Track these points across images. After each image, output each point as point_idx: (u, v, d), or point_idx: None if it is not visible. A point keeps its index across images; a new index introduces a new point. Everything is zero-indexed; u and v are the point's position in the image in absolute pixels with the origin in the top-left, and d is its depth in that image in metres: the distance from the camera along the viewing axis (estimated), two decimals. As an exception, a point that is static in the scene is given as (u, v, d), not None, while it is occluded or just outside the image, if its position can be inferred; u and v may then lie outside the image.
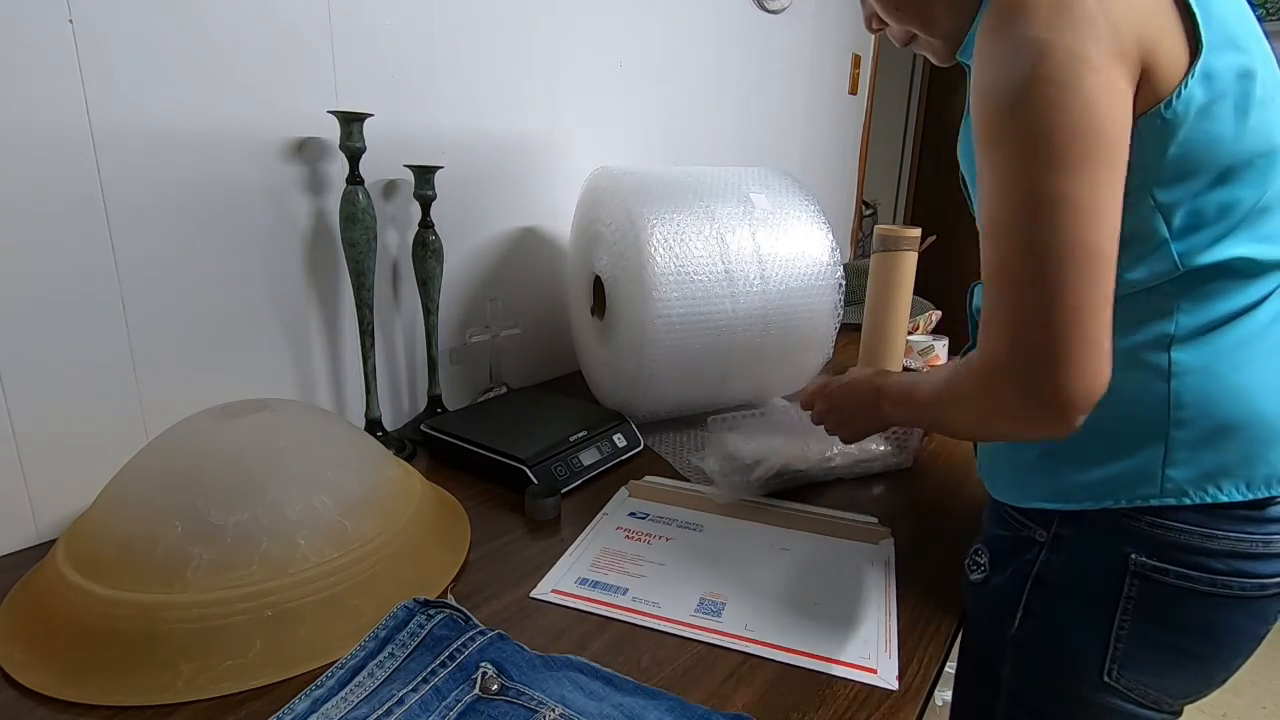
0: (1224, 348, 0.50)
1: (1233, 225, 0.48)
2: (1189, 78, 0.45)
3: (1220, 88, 0.46)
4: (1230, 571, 0.50)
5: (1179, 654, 0.53)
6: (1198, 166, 0.47)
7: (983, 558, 0.60)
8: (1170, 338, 0.50)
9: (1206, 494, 0.49)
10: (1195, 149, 0.47)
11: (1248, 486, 0.49)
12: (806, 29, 1.86)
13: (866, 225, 2.75)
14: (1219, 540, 0.50)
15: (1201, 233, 0.48)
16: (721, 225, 0.93)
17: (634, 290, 0.89)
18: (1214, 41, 0.46)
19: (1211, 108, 0.46)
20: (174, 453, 0.59)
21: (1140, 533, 0.51)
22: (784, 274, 0.94)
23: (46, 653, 0.52)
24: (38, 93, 0.63)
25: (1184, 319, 0.50)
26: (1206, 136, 0.46)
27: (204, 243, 0.76)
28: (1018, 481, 0.57)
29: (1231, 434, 0.49)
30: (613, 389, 1.00)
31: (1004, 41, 0.45)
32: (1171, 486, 0.50)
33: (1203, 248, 0.49)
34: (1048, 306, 0.44)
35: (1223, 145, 0.47)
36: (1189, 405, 0.50)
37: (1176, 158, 0.47)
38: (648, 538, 0.72)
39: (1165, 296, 0.50)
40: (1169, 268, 0.49)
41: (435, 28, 0.94)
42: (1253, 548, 0.49)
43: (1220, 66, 0.46)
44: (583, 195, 1.05)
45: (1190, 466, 0.50)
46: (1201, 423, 0.49)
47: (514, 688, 0.48)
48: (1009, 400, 0.47)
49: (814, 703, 0.51)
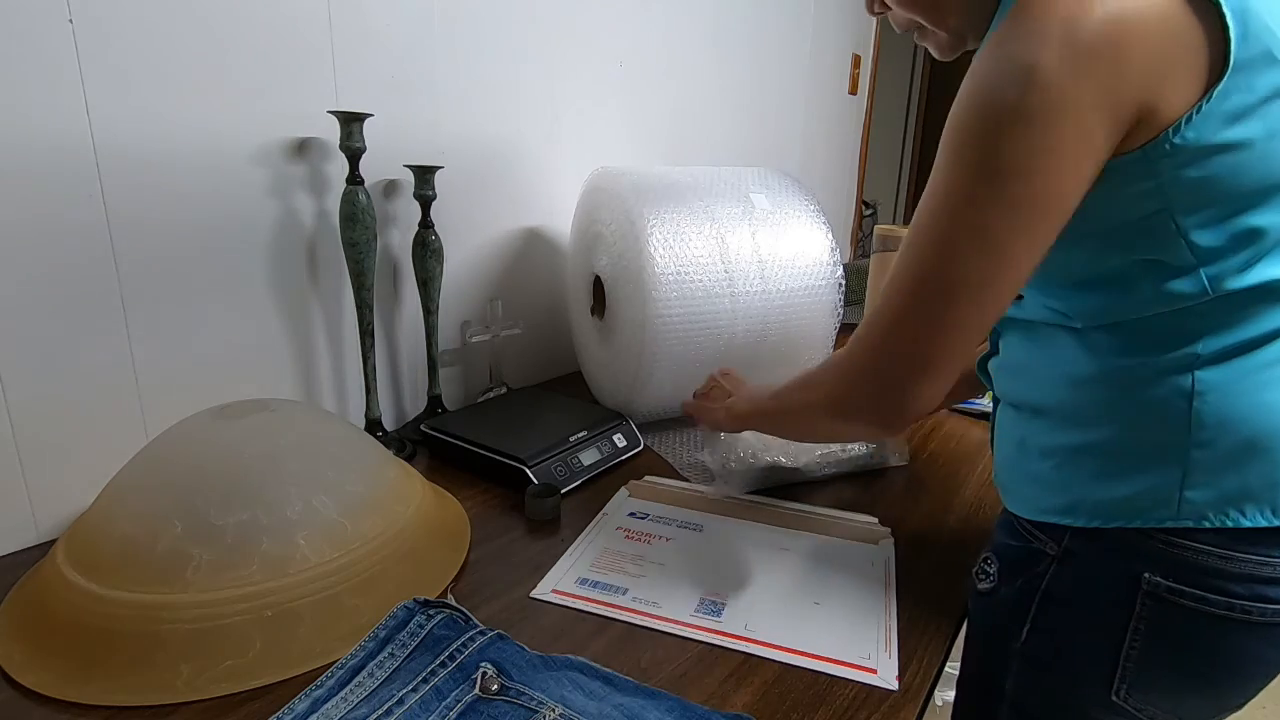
0: (1249, 369, 0.47)
1: (1266, 249, 0.46)
2: (1204, 103, 0.42)
3: (1249, 110, 0.43)
4: (1250, 596, 0.47)
5: (1192, 678, 0.51)
6: (1223, 192, 0.44)
7: (991, 567, 0.59)
8: (1196, 358, 0.48)
9: (1228, 518, 0.47)
10: (1219, 174, 0.44)
11: (1273, 512, 0.46)
12: (806, 29, 1.86)
13: (866, 225, 2.75)
14: (1238, 563, 0.47)
15: (1233, 257, 0.46)
16: (721, 225, 0.93)
17: (634, 290, 0.89)
18: (1246, 61, 0.42)
19: (1236, 132, 0.43)
20: (174, 452, 0.59)
21: (1155, 552, 0.49)
22: (784, 274, 0.94)
23: (46, 653, 0.52)
24: (37, 93, 0.63)
25: (1212, 340, 0.48)
26: (1232, 161, 0.44)
27: (204, 242, 0.76)
28: (1032, 494, 0.56)
29: (1255, 455, 0.47)
30: (613, 389, 1.00)
31: (1004, 58, 0.44)
32: (1189, 509, 0.48)
33: (1234, 272, 0.46)
34: (927, 330, 0.49)
35: (1250, 170, 0.44)
36: (1210, 426, 0.47)
37: (1197, 183, 0.44)
38: (648, 538, 0.72)
39: (1194, 318, 0.48)
40: (1198, 291, 0.47)
41: (435, 28, 0.95)
42: (1275, 571, 0.47)
43: (1251, 87, 0.42)
44: (583, 195, 1.05)
45: (1210, 489, 0.47)
46: (1223, 443, 0.47)
47: (514, 688, 0.48)
48: (851, 395, 0.54)
49: (814, 703, 0.51)
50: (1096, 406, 0.52)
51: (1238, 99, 0.43)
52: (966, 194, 0.46)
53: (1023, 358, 0.59)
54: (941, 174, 0.47)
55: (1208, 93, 0.42)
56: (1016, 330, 0.59)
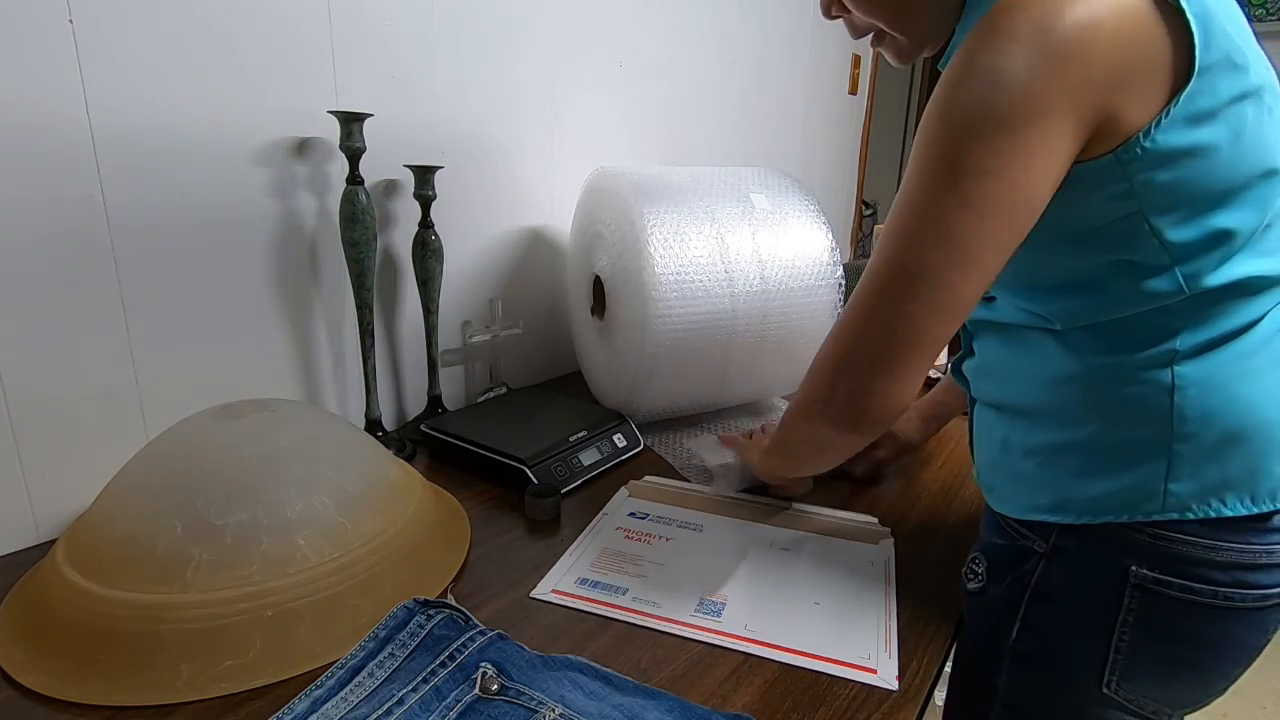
0: (1227, 361, 0.49)
1: (1238, 246, 0.47)
2: (1172, 106, 0.44)
3: (1214, 113, 0.44)
4: (1233, 583, 0.49)
5: (1179, 665, 0.52)
6: (1193, 193, 0.46)
7: (980, 567, 0.59)
8: (1175, 353, 0.49)
9: (1210, 509, 0.48)
10: (1189, 176, 0.45)
11: (1252, 500, 0.48)
12: (806, 29, 1.86)
13: (866, 225, 2.75)
14: (1222, 552, 0.49)
15: (1207, 256, 0.47)
16: (721, 225, 0.93)
17: (634, 290, 0.89)
18: (1210, 64, 0.43)
19: (1203, 134, 0.44)
20: (174, 452, 0.59)
21: (1141, 545, 0.50)
22: (784, 274, 0.94)
23: (46, 653, 0.52)
24: (37, 92, 0.63)
25: (1189, 336, 0.49)
26: (1200, 163, 0.45)
27: (204, 242, 0.76)
28: (1017, 493, 0.57)
29: (1235, 446, 0.48)
30: (613, 389, 1.00)
31: (975, 61, 0.45)
32: (1174, 501, 0.49)
33: (1209, 270, 0.47)
34: (890, 324, 0.50)
35: (1218, 171, 0.45)
36: (1192, 419, 0.48)
37: (1168, 184, 0.45)
38: (648, 538, 0.72)
39: (1172, 315, 0.49)
40: (1174, 290, 0.48)
41: (435, 28, 0.95)
42: (1256, 559, 0.48)
43: (1214, 91, 0.44)
44: (583, 196, 1.05)
45: (1193, 481, 0.49)
46: (1205, 436, 0.48)
47: (514, 688, 0.48)
48: (818, 393, 0.55)
49: (814, 703, 0.51)
50: (1079, 404, 0.52)
51: (1203, 102, 0.44)
52: (932, 194, 0.47)
53: (1001, 359, 0.59)
54: (912, 173, 0.48)
55: (1174, 97, 0.44)
56: (993, 332, 0.60)
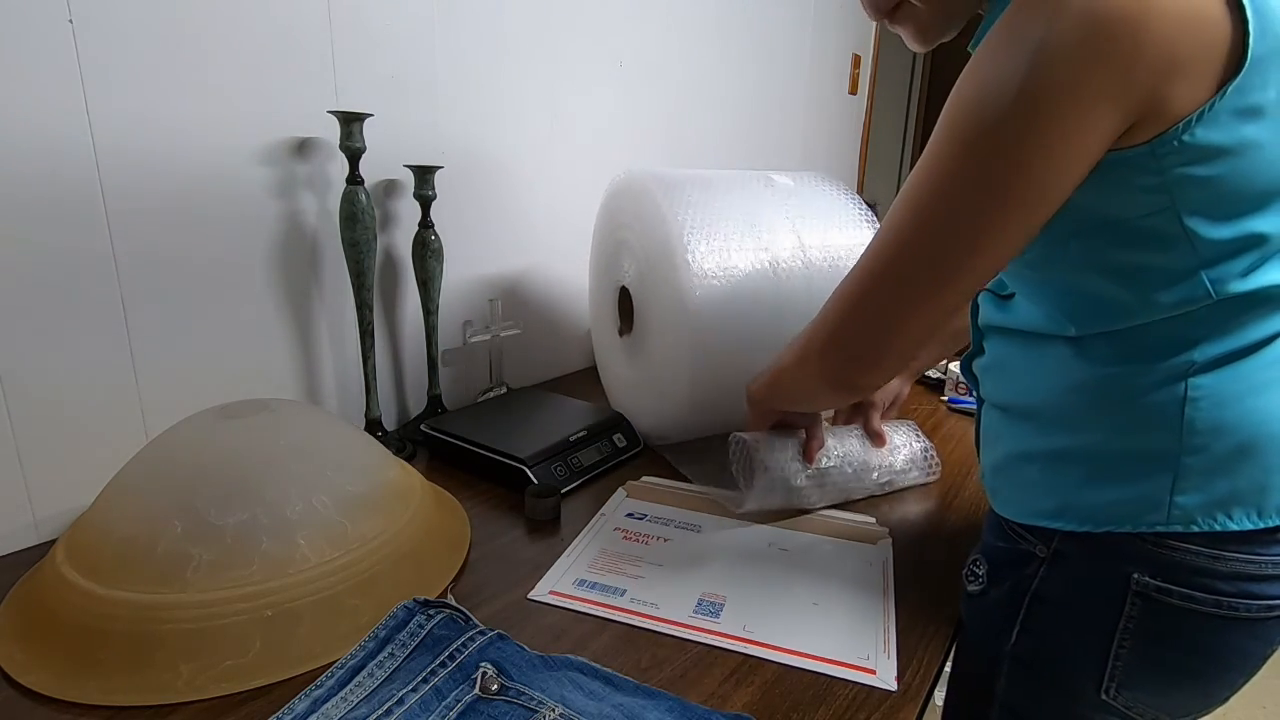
0: (1243, 374, 0.47)
1: (1270, 253, 0.45)
2: (1218, 99, 0.40)
3: (1261, 109, 0.41)
4: (1237, 593, 0.48)
5: (1180, 674, 0.51)
6: (1231, 192, 0.43)
7: (980, 569, 0.59)
8: (1191, 364, 0.47)
9: (1215, 522, 0.47)
10: (1227, 174, 0.42)
11: (1259, 514, 0.47)
12: (806, 29, 1.86)
13: (866, 225, 2.74)
14: (1226, 562, 0.47)
15: (1236, 260, 0.45)
16: (762, 230, 0.86)
17: (669, 297, 0.83)
18: (1263, 55, 0.40)
19: (1248, 131, 0.41)
20: (174, 452, 0.59)
21: (1144, 553, 0.49)
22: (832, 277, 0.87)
23: (46, 653, 0.52)
24: (37, 93, 0.63)
25: (1208, 348, 0.47)
26: (1241, 161, 0.42)
27: (204, 242, 0.76)
28: (1021, 496, 0.56)
29: (1245, 460, 0.47)
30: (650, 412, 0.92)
31: (1014, 32, 0.42)
32: (1179, 514, 0.48)
33: (1236, 275, 0.45)
34: (886, 315, 0.51)
35: (1260, 170, 0.42)
36: (1203, 432, 0.47)
37: (1204, 181, 0.43)
38: (646, 538, 0.72)
39: (1192, 324, 0.47)
40: (1200, 295, 0.46)
41: (435, 28, 0.95)
42: (1261, 569, 0.47)
43: (1265, 84, 0.41)
44: (604, 203, 0.99)
45: (1199, 494, 0.47)
46: (1215, 449, 0.47)
47: (514, 688, 0.48)
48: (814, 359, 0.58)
49: (813, 703, 0.51)
50: (1088, 411, 0.52)
51: (1253, 96, 0.41)
52: (953, 171, 0.45)
53: (1012, 360, 0.58)
54: (933, 147, 0.47)
55: (1222, 88, 0.40)
56: (1005, 334, 0.59)
